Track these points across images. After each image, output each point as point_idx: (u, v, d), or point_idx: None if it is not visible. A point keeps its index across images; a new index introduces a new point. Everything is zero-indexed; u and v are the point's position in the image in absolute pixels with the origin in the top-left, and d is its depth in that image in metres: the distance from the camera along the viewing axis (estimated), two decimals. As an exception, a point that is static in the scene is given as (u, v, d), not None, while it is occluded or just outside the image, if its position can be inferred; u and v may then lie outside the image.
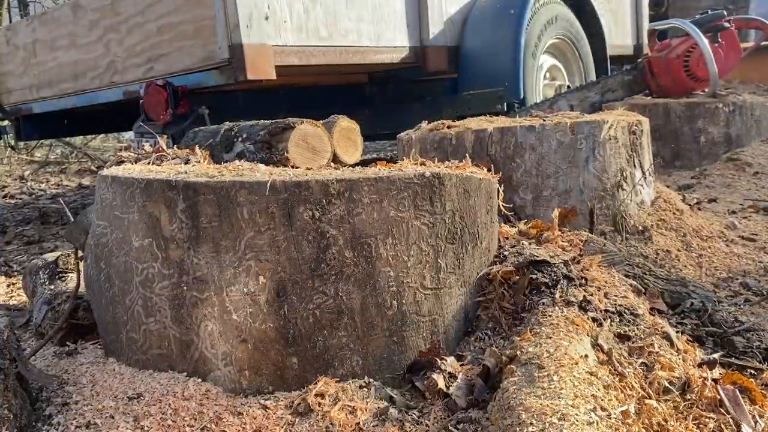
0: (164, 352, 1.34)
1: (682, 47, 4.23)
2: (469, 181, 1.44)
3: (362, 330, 1.31)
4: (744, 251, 2.36)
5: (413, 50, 3.68)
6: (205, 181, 1.28)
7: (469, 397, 1.23)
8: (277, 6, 2.94)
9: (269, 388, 1.29)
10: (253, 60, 2.82)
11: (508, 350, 1.27)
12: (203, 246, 1.28)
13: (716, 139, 3.99)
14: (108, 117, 4.64)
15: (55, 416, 1.25)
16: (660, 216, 2.41)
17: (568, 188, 2.22)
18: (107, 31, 3.47)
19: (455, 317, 1.44)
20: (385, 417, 1.18)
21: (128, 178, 1.36)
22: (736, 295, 2.01)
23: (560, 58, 4.43)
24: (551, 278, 1.47)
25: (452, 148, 2.28)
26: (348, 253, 1.28)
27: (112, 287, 1.41)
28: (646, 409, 1.13)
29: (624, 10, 5.56)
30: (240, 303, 1.27)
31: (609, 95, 4.22)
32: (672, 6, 8.82)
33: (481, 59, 3.85)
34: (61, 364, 1.48)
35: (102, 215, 1.45)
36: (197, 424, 1.19)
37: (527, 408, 1.02)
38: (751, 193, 3.27)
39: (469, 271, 1.46)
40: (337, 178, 1.28)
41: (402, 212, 1.32)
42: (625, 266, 1.74)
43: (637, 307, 1.44)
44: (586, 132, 2.22)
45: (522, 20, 3.73)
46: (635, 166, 2.37)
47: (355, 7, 3.32)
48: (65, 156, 7.89)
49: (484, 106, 3.67)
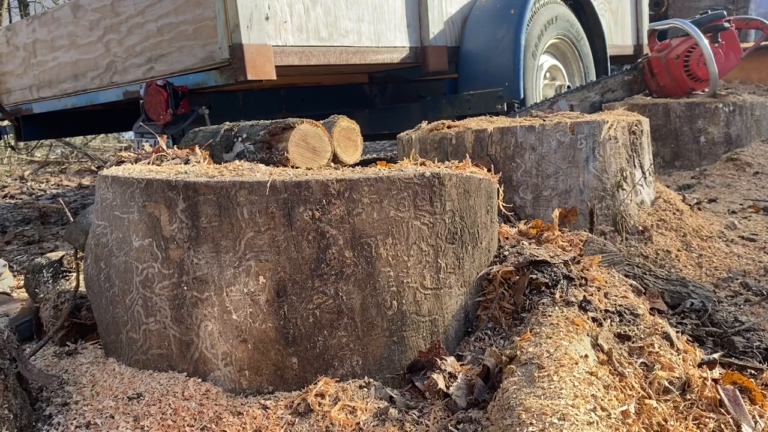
0: (164, 352, 1.34)
1: (682, 47, 4.23)
2: (469, 181, 1.44)
3: (362, 330, 1.31)
4: (744, 251, 2.36)
5: (413, 50, 3.68)
6: (205, 181, 1.28)
7: (469, 397, 1.23)
8: (277, 6, 2.94)
9: (269, 388, 1.29)
10: (254, 60, 2.82)
11: (508, 350, 1.26)
12: (203, 246, 1.28)
13: (716, 139, 3.99)
14: (108, 117, 4.65)
15: (55, 416, 1.25)
16: (660, 216, 2.41)
17: (568, 188, 2.22)
18: (107, 31, 3.47)
19: (455, 317, 1.44)
20: (385, 417, 1.18)
21: (128, 178, 1.36)
22: (736, 295, 2.01)
23: (560, 58, 4.44)
24: (551, 278, 1.47)
25: (452, 148, 2.28)
26: (348, 253, 1.28)
27: (112, 287, 1.41)
28: (646, 409, 1.13)
29: (624, 10, 5.56)
30: (240, 303, 1.27)
31: (609, 95, 4.23)
32: (672, 6, 8.82)
33: (482, 59, 3.85)
34: (61, 364, 1.48)
35: (102, 215, 1.45)
36: (197, 424, 1.19)
37: (527, 408, 1.02)
38: (751, 193, 3.27)
39: (469, 271, 1.46)
40: (337, 178, 1.28)
41: (402, 212, 1.32)
42: (625, 266, 1.74)
43: (637, 307, 1.44)
44: (586, 132, 2.22)
45: (522, 20, 3.74)
46: (635, 166, 2.37)
47: (355, 8, 3.33)
48: (65, 156, 7.89)
49: (484, 106, 3.67)
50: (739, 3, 8.74)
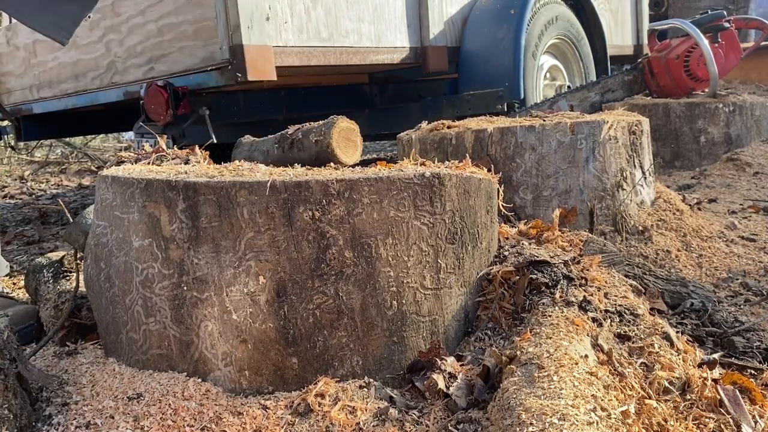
0: (164, 352, 1.34)
1: (682, 47, 4.23)
2: (469, 181, 1.44)
3: (362, 330, 1.31)
4: (744, 251, 2.36)
5: (413, 50, 3.68)
6: (205, 181, 1.28)
7: (469, 397, 1.23)
8: (278, 7, 2.94)
9: (269, 388, 1.29)
10: (254, 61, 2.82)
11: (508, 350, 1.26)
12: (203, 246, 1.28)
13: (716, 139, 3.99)
14: (108, 117, 4.64)
15: (55, 416, 1.25)
16: (660, 216, 2.41)
17: (568, 188, 2.22)
18: (108, 31, 3.47)
19: (455, 317, 1.44)
20: (385, 417, 1.18)
21: (128, 178, 1.36)
22: (736, 295, 2.01)
23: (560, 58, 4.44)
24: (551, 278, 1.47)
25: (452, 148, 2.28)
26: (348, 253, 1.28)
27: (112, 287, 1.41)
28: (646, 409, 1.13)
29: (624, 10, 5.56)
30: (240, 303, 1.27)
31: (609, 95, 4.23)
32: (672, 6, 8.83)
33: (482, 59, 3.85)
34: (61, 364, 1.48)
35: (102, 215, 1.45)
36: (197, 424, 1.19)
37: (527, 408, 1.02)
38: (751, 193, 3.27)
39: (469, 271, 1.46)
40: (337, 178, 1.28)
41: (402, 212, 1.32)
42: (625, 266, 1.74)
43: (637, 307, 1.44)
44: (586, 132, 2.22)
45: (522, 20, 3.73)
46: (635, 166, 2.37)
47: (355, 8, 3.33)
48: (65, 156, 7.88)
49: (484, 106, 3.67)
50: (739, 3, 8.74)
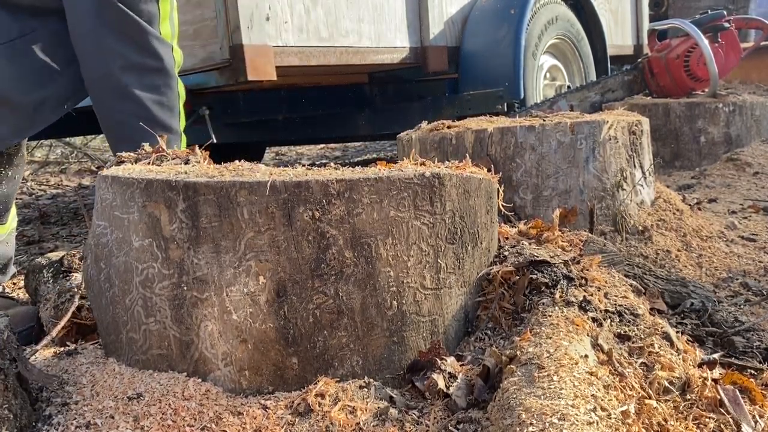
0: (164, 353, 1.34)
1: (682, 47, 4.24)
2: (469, 181, 1.44)
3: (362, 330, 1.31)
4: (744, 251, 2.36)
5: (413, 50, 3.68)
6: (205, 181, 1.28)
7: (469, 397, 1.23)
8: (278, 7, 2.94)
9: (269, 388, 1.29)
10: (254, 61, 2.82)
11: (508, 350, 1.27)
12: (203, 246, 1.28)
13: (716, 139, 3.99)
14: (108, 117, 4.63)
15: (55, 416, 1.25)
16: (660, 216, 2.41)
17: (568, 188, 2.22)
18: (107, 31, 3.46)
19: (455, 317, 1.44)
20: (385, 417, 1.18)
21: (128, 178, 1.36)
22: (736, 295, 2.01)
23: (560, 58, 4.44)
24: (551, 278, 1.47)
25: (452, 148, 2.28)
26: (348, 253, 1.28)
27: (112, 287, 1.41)
28: (646, 409, 1.13)
29: (624, 10, 5.56)
30: (240, 303, 1.27)
31: (609, 95, 4.23)
32: (672, 6, 8.83)
33: (482, 59, 3.85)
34: (61, 364, 1.48)
35: (102, 215, 1.45)
36: (197, 424, 1.19)
37: (527, 408, 1.02)
38: (751, 193, 3.27)
39: (469, 271, 1.46)
40: (337, 178, 1.28)
41: (402, 212, 1.32)
42: (625, 266, 1.74)
43: (637, 307, 1.44)
44: (586, 132, 2.22)
45: (522, 20, 3.74)
46: (635, 166, 2.37)
47: (355, 8, 3.33)
48: (65, 156, 7.89)
49: (484, 106, 3.68)
50: (739, 3, 8.75)
